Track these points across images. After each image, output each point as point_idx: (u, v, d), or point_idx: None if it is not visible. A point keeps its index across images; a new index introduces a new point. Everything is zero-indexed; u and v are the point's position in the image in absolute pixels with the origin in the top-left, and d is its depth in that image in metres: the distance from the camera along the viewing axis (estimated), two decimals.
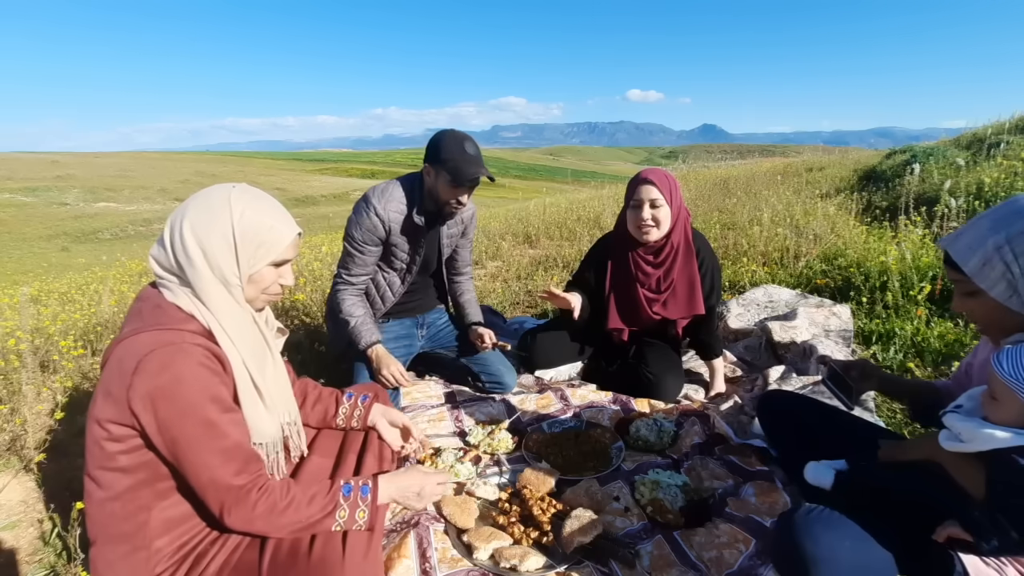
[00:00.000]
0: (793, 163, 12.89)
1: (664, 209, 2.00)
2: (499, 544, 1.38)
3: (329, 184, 36.43)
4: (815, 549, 0.99)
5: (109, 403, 0.94)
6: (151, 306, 1.00)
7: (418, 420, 2.08)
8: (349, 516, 1.07)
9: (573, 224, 6.21)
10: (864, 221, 4.84)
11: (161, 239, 1.03)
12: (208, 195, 1.03)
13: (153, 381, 0.91)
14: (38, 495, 1.81)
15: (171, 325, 0.97)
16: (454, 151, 1.88)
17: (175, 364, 0.93)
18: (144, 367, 0.91)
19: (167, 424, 0.93)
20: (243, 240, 1.01)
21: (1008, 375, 0.92)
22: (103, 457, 0.96)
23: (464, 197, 1.97)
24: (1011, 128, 7.05)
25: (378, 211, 1.99)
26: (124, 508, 0.97)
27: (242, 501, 0.99)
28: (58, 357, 2.59)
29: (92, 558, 1.00)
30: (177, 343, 0.94)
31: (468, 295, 2.38)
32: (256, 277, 1.05)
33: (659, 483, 1.60)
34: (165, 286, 1.01)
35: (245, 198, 1.03)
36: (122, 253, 7.39)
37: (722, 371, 2.34)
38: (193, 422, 0.94)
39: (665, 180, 2.01)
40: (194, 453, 0.95)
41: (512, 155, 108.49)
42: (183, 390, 0.93)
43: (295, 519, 1.02)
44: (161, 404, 0.92)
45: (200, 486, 0.97)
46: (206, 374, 0.96)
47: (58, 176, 34.53)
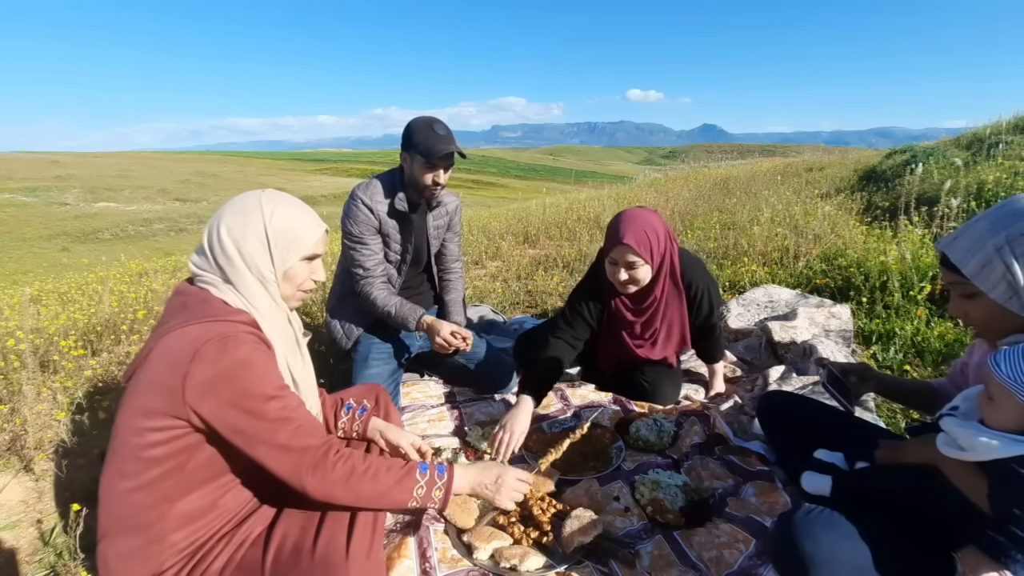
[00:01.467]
0: (793, 163, 12.89)
1: (643, 268, 1.84)
2: (499, 544, 1.38)
3: (329, 184, 36.42)
4: (815, 549, 0.99)
5: (157, 393, 0.96)
6: (198, 300, 1.05)
7: (418, 420, 2.08)
8: (426, 493, 1.13)
9: (573, 224, 6.22)
10: (864, 221, 4.84)
11: (200, 247, 1.09)
12: (240, 200, 1.11)
13: (214, 367, 0.95)
14: (38, 495, 1.81)
15: (223, 316, 1.02)
16: (424, 133, 1.97)
17: (234, 350, 0.98)
18: (203, 355, 0.95)
19: (232, 405, 0.97)
20: (276, 238, 1.09)
21: (1006, 376, 0.91)
22: (139, 447, 0.97)
23: (441, 176, 2.04)
24: (1011, 128, 7.06)
25: (365, 201, 2.06)
26: (146, 499, 0.99)
27: (321, 463, 1.03)
28: (58, 357, 2.59)
29: (102, 552, 1.00)
30: (232, 333, 0.99)
31: (454, 294, 2.41)
32: (290, 273, 1.13)
33: (659, 483, 1.60)
34: (209, 283, 1.07)
35: (274, 200, 1.11)
36: (122, 253, 7.39)
37: (722, 372, 2.34)
38: (259, 398, 0.99)
39: (644, 238, 1.80)
40: (264, 426, 0.99)
41: (512, 155, 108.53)
42: (245, 373, 0.98)
43: (375, 488, 1.07)
44: (223, 387, 0.96)
45: (274, 458, 1.01)
46: (263, 358, 1.03)
47: (58, 176, 34.52)
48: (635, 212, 1.86)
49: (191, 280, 1.10)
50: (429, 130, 1.96)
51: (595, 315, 2.06)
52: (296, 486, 1.03)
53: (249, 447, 1.00)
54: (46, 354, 2.67)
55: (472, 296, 3.90)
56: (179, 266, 6.33)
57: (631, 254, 1.79)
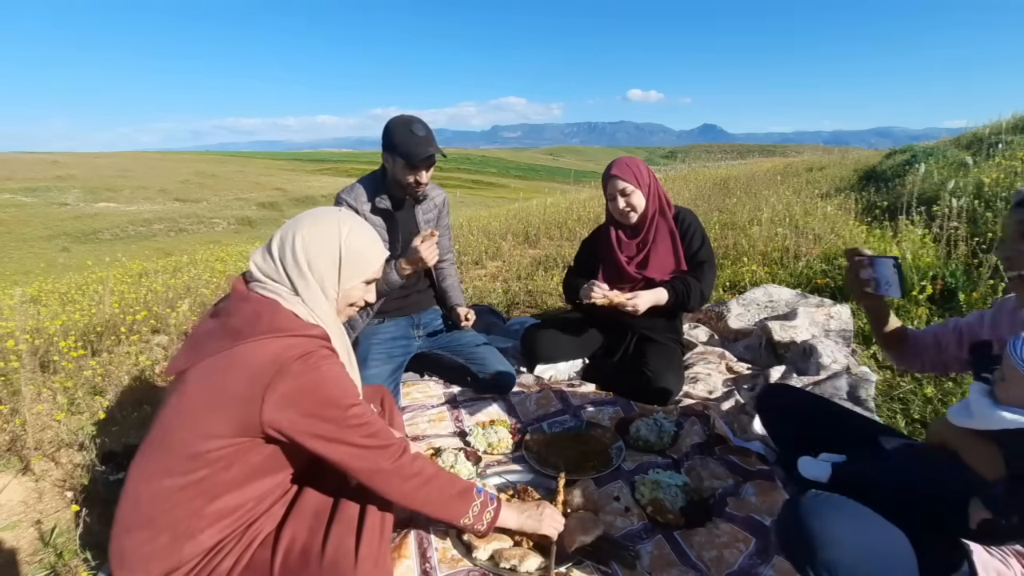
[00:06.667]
0: (793, 163, 12.89)
1: (636, 194, 2.19)
2: (499, 545, 1.38)
3: (329, 184, 36.40)
4: (823, 530, 0.98)
5: (231, 403, 0.98)
6: (271, 311, 1.07)
7: (418, 420, 2.08)
8: (479, 514, 1.20)
9: (573, 224, 6.21)
10: (864, 221, 4.83)
11: (268, 248, 1.12)
12: (319, 215, 1.15)
13: (297, 381, 0.99)
14: (38, 495, 1.80)
15: (300, 331, 1.06)
16: (403, 135, 1.99)
17: (319, 366, 1.02)
18: (287, 370, 0.99)
19: (314, 415, 1.01)
20: (347, 258, 1.14)
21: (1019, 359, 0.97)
22: (195, 447, 0.99)
23: (423, 176, 2.07)
24: (1010, 128, 7.06)
25: (349, 203, 2.11)
26: (186, 495, 1.00)
27: (398, 459, 1.10)
28: (58, 358, 2.59)
29: (118, 546, 0.99)
30: (314, 350, 1.04)
31: (450, 280, 2.47)
32: (350, 292, 1.18)
33: (659, 483, 1.60)
34: (274, 292, 1.09)
35: (351, 221, 1.17)
36: (122, 253, 7.39)
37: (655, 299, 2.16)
38: (341, 407, 1.05)
39: (629, 169, 2.20)
40: (346, 430, 1.05)
41: (512, 155, 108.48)
42: (327, 385, 1.03)
43: (440, 494, 1.15)
44: (306, 399, 1.00)
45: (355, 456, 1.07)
46: (341, 371, 1.09)
47: (58, 176, 34.51)
48: (620, 156, 2.32)
49: (246, 280, 1.12)
50: (408, 132, 1.98)
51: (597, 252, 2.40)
52: (370, 482, 1.09)
53: (329, 450, 1.05)
54: (46, 354, 2.67)
55: (472, 296, 3.90)
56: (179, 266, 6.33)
57: (622, 182, 2.17)
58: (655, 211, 2.26)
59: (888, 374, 2.31)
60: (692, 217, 2.35)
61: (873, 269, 1.38)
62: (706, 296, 2.25)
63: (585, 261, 2.48)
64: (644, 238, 2.28)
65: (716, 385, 2.34)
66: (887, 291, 1.36)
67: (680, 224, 2.30)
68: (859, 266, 1.41)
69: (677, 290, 2.19)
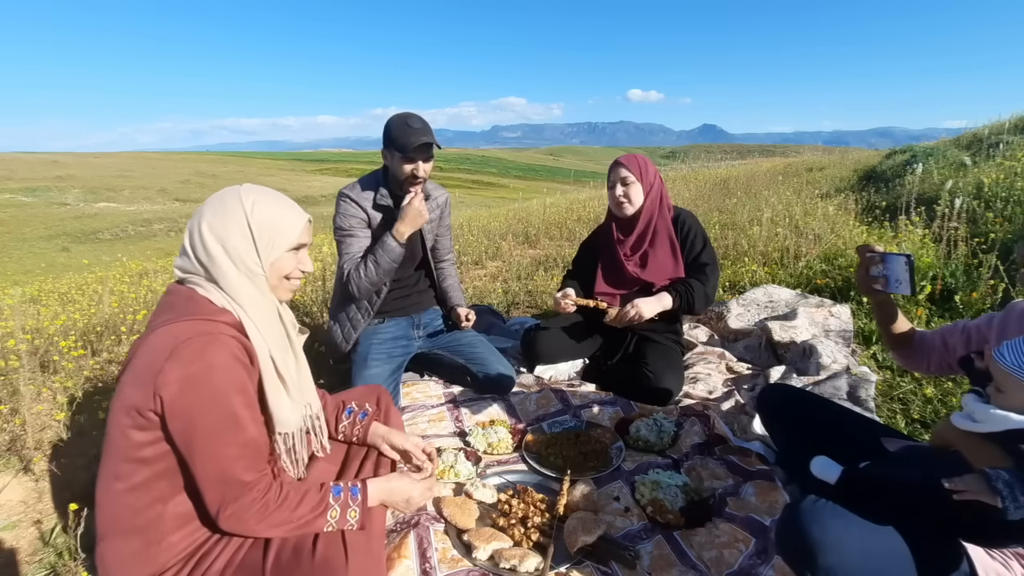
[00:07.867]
0: (793, 163, 12.88)
1: (635, 186, 2.23)
2: (499, 545, 1.38)
3: (329, 184, 36.42)
4: (823, 535, 0.98)
5: (136, 389, 0.95)
6: (183, 299, 1.04)
7: (418, 420, 2.08)
8: (341, 516, 1.10)
9: (573, 224, 6.21)
10: (864, 221, 4.83)
11: (183, 249, 1.08)
12: (219, 197, 1.09)
13: (186, 368, 0.94)
14: (38, 495, 1.80)
15: (206, 315, 1.01)
16: (400, 128, 2.02)
17: (210, 353, 0.96)
18: (179, 353, 0.94)
19: (191, 410, 0.95)
20: (259, 230, 1.07)
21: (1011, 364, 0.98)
22: (127, 447, 0.97)
23: (420, 168, 2.07)
24: (1010, 128, 7.06)
25: (352, 198, 2.13)
26: (140, 500, 0.98)
27: (241, 497, 1.00)
28: (58, 358, 2.59)
29: (101, 553, 1.00)
30: (213, 333, 0.98)
31: (450, 280, 2.49)
32: (278, 264, 1.11)
33: (659, 483, 1.60)
34: (194, 283, 1.06)
35: (254, 193, 1.10)
36: (122, 253, 7.40)
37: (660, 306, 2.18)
38: (218, 412, 0.97)
39: (634, 160, 2.26)
40: (211, 443, 0.97)
41: (512, 155, 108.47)
42: (214, 379, 0.96)
43: (287, 518, 1.04)
44: (190, 390, 0.94)
45: (205, 478, 0.98)
46: (238, 366, 1.00)
47: (58, 176, 34.52)
48: (630, 154, 2.34)
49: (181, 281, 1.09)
50: (404, 125, 2.01)
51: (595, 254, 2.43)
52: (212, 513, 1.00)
53: (190, 457, 0.98)
54: (46, 354, 2.67)
55: (472, 296, 3.90)
56: None
57: (624, 171, 2.23)
58: (653, 211, 2.26)
59: (888, 374, 2.31)
60: (692, 219, 2.35)
61: (884, 266, 1.38)
62: (711, 299, 2.24)
63: (582, 264, 2.48)
64: (640, 237, 2.29)
65: (716, 385, 2.34)
66: (897, 288, 1.36)
67: (680, 226, 2.30)
68: (870, 262, 1.40)
69: (682, 294, 2.18)
